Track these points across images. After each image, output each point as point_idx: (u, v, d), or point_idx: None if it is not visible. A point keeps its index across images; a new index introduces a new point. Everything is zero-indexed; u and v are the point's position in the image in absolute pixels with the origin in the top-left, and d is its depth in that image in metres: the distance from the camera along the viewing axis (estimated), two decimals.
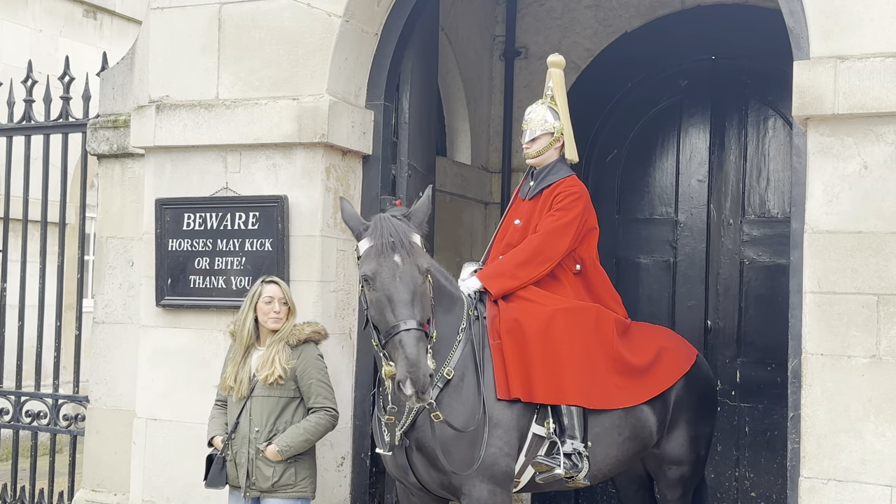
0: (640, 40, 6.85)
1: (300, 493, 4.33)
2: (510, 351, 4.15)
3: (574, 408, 4.18)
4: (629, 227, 6.84)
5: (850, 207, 3.87)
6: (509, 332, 4.17)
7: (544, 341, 4.16)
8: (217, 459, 4.36)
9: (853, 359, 3.84)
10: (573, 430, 4.15)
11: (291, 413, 4.32)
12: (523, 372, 4.13)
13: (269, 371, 4.24)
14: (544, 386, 4.13)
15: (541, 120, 4.60)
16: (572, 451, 4.11)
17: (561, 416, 4.18)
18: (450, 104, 7.17)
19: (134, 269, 5.64)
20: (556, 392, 4.15)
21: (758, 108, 6.57)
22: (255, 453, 4.28)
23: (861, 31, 3.88)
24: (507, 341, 4.16)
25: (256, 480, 4.29)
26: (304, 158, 4.92)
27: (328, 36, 4.91)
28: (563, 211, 4.43)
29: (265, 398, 4.30)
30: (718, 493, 6.48)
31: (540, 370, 4.13)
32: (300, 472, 4.32)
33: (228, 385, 4.39)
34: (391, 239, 3.79)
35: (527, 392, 4.13)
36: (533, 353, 4.14)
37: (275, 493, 4.30)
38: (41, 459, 6.54)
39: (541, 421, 4.19)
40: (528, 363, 4.14)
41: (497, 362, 4.13)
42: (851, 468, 3.82)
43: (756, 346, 6.40)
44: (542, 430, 4.18)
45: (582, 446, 4.14)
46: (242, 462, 4.31)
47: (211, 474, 4.36)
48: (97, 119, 5.86)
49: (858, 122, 3.86)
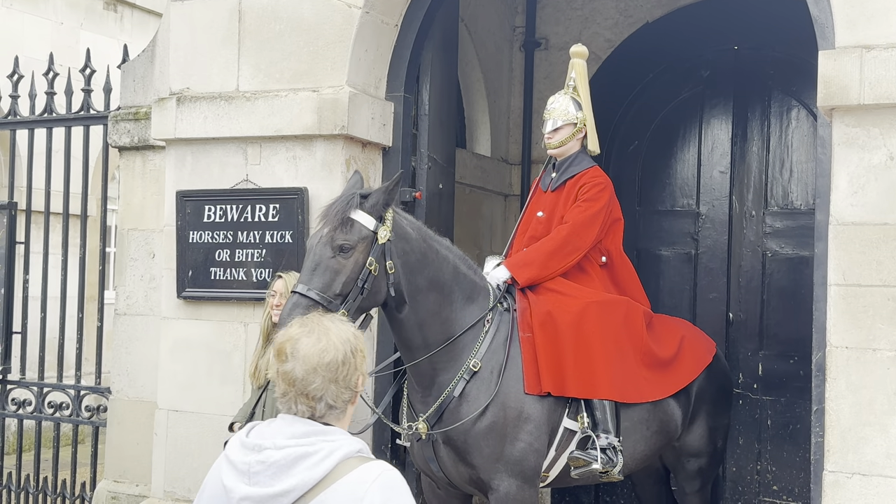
0: (662, 30, 6.80)
1: None
2: (542, 344, 4.11)
3: (607, 402, 4.17)
4: (650, 219, 6.79)
5: (876, 199, 3.82)
6: (542, 325, 4.15)
7: (577, 335, 4.13)
8: None
9: (878, 352, 3.79)
10: (606, 425, 4.13)
11: None
12: (555, 366, 4.11)
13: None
14: (577, 380, 4.11)
15: (563, 110, 4.57)
16: (607, 446, 4.10)
17: (594, 411, 4.16)
18: (469, 96, 7.15)
19: (155, 260, 5.66)
20: (588, 386, 4.13)
21: (781, 98, 6.51)
22: None
23: (887, 20, 3.83)
24: (540, 334, 4.13)
25: None
26: (324, 150, 4.91)
27: (348, 27, 4.90)
28: (590, 202, 4.41)
29: None
30: (740, 486, 6.44)
31: (572, 364, 4.11)
32: None
33: (250, 373, 4.51)
34: (326, 212, 3.82)
35: (559, 386, 4.10)
36: (565, 346, 4.12)
37: None
38: (63, 450, 6.59)
39: (573, 415, 4.17)
40: (560, 357, 4.11)
41: (527, 356, 4.09)
42: (876, 462, 3.78)
43: (778, 339, 6.34)
44: (574, 425, 4.16)
45: (616, 440, 4.13)
46: None
47: None
48: (118, 111, 5.88)
49: (885, 112, 3.81)
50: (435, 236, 4.11)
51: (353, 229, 3.74)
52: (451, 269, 4.05)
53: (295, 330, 2.17)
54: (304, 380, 2.11)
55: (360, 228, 3.76)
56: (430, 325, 3.96)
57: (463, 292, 4.06)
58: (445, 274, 4.02)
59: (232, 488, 2.10)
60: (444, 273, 4.02)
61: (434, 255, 4.00)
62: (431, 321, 3.96)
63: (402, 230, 3.89)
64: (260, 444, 2.09)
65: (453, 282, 4.05)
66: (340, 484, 2.04)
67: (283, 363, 2.14)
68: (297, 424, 2.12)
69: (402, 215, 4.00)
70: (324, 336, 2.15)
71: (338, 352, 2.14)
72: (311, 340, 2.13)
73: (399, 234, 3.86)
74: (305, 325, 2.18)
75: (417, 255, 3.92)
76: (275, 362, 2.17)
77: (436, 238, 4.10)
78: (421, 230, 4.03)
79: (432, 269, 3.97)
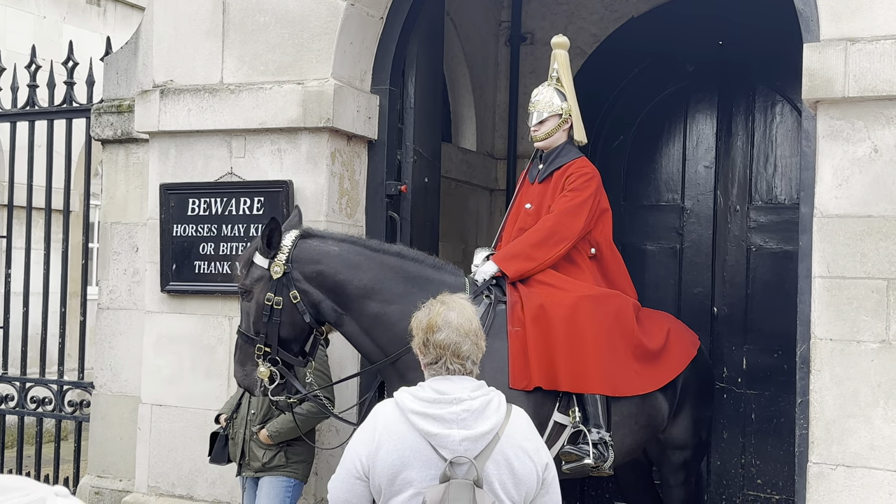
0: (647, 25, 6.81)
1: (290, 474, 4.45)
2: (534, 338, 4.09)
3: (598, 396, 4.15)
4: (635, 214, 6.80)
5: (860, 191, 3.84)
6: (535, 318, 4.12)
7: (570, 329, 4.11)
8: (220, 437, 4.53)
9: (862, 344, 3.81)
10: (598, 419, 4.11)
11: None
12: (547, 360, 4.08)
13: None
14: (569, 374, 4.09)
15: (548, 102, 4.55)
16: (599, 440, 4.08)
17: (586, 405, 4.14)
18: (455, 90, 7.14)
19: (139, 254, 5.62)
20: (580, 380, 4.12)
21: (765, 93, 6.53)
22: (251, 435, 4.43)
23: (872, 12, 3.84)
24: (532, 328, 4.10)
25: (250, 461, 4.44)
26: (309, 143, 4.89)
27: (333, 20, 4.88)
28: (577, 191, 4.39)
29: None
30: (724, 480, 6.46)
31: (565, 358, 4.09)
32: (292, 456, 4.43)
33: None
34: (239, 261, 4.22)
35: (550, 380, 4.08)
36: (558, 340, 4.10)
37: (266, 473, 4.43)
38: (46, 446, 6.55)
39: (563, 409, 4.14)
40: (552, 351, 4.09)
41: (514, 350, 4.06)
42: (860, 454, 3.79)
43: (763, 333, 6.36)
44: (565, 419, 4.13)
45: (608, 435, 4.11)
46: (239, 441, 4.48)
47: (214, 451, 4.54)
48: (101, 104, 5.83)
49: (869, 105, 3.83)
50: (377, 245, 4.18)
51: (251, 273, 4.03)
52: (392, 273, 4.04)
53: (439, 307, 2.77)
54: (457, 343, 2.71)
55: (255, 270, 4.02)
56: (375, 330, 4.02)
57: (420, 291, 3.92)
58: (386, 278, 4.03)
59: (446, 434, 2.62)
60: (384, 278, 4.02)
61: (370, 262, 4.04)
62: (375, 326, 4.01)
63: (310, 254, 4.00)
64: (458, 398, 2.65)
65: (400, 284, 4.02)
66: (513, 420, 2.71)
67: (435, 333, 2.72)
68: (465, 381, 2.72)
69: (315, 238, 4.07)
70: (464, 310, 2.78)
71: (474, 320, 2.79)
72: (456, 313, 2.75)
73: (306, 259, 3.99)
74: (445, 302, 2.79)
75: (342, 269, 4.00)
76: (423, 335, 2.75)
77: (378, 246, 4.16)
78: (353, 244, 4.10)
79: (366, 277, 4.01)
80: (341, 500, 2.70)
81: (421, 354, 2.78)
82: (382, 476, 2.63)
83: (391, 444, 2.63)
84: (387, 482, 2.63)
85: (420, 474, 2.62)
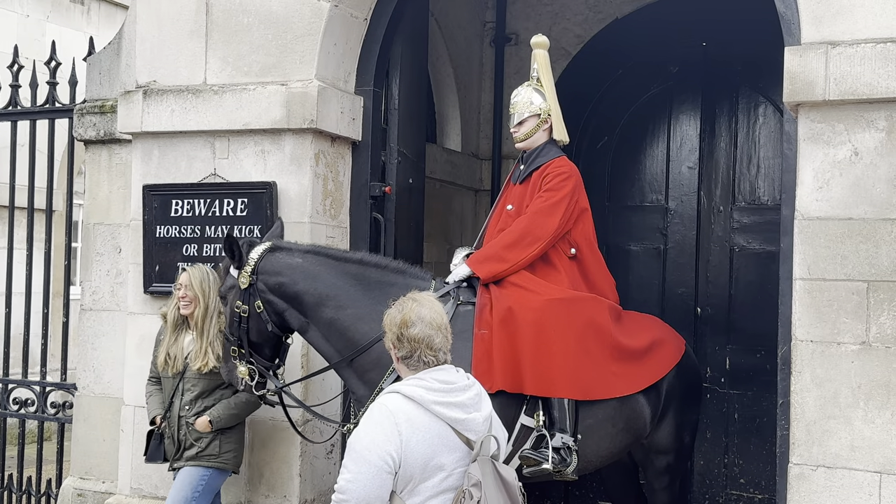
0: (631, 27, 6.83)
1: (221, 464, 4.59)
2: (500, 342, 4.07)
3: (566, 400, 4.12)
4: (619, 215, 6.83)
5: (841, 194, 3.86)
6: (502, 321, 4.10)
7: (537, 332, 4.09)
8: (156, 435, 4.65)
9: (843, 345, 3.83)
10: (563, 423, 4.09)
11: (220, 393, 4.62)
12: (512, 363, 4.06)
13: (203, 362, 4.55)
14: (534, 378, 4.07)
15: (526, 102, 4.53)
16: (561, 446, 4.05)
17: (552, 409, 4.12)
18: (439, 90, 7.14)
19: (121, 255, 5.60)
20: (546, 384, 4.09)
21: (748, 94, 6.56)
22: (187, 428, 4.57)
23: (853, 16, 3.86)
24: (499, 331, 4.09)
25: (184, 450, 4.58)
26: (293, 144, 4.89)
27: (317, 21, 4.87)
28: (552, 191, 4.36)
29: (197, 379, 4.60)
30: (707, 479, 6.49)
31: (530, 362, 4.07)
32: (224, 446, 4.60)
33: (161, 363, 4.68)
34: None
35: (515, 384, 4.06)
36: (524, 343, 4.08)
37: (197, 461, 4.57)
38: (29, 447, 6.51)
39: (530, 412, 4.13)
40: (517, 354, 4.07)
41: (478, 353, 4.04)
42: (841, 455, 3.82)
43: (746, 334, 6.40)
44: (531, 422, 4.12)
45: (571, 440, 4.08)
46: (175, 437, 4.61)
47: (150, 449, 4.67)
48: (84, 104, 5.81)
49: (849, 108, 3.85)
50: (340, 254, 4.34)
51: (226, 281, 4.32)
52: (351, 280, 4.18)
53: (410, 304, 3.03)
54: (430, 336, 2.99)
55: (229, 279, 4.30)
56: (331, 335, 4.19)
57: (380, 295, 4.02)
58: (344, 285, 4.17)
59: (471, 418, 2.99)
60: (342, 285, 4.17)
61: (328, 271, 4.21)
62: (330, 331, 4.18)
63: (273, 267, 4.20)
64: (465, 385, 3.02)
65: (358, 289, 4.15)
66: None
67: (409, 328, 2.98)
68: (452, 369, 3.05)
69: (282, 252, 4.25)
70: (434, 305, 3.06)
71: (444, 316, 3.08)
72: (427, 309, 3.01)
73: (270, 271, 4.20)
74: (416, 300, 3.06)
75: (300, 279, 4.18)
76: (396, 330, 2.99)
77: (341, 255, 4.31)
78: (316, 255, 4.26)
79: (322, 286, 4.17)
80: (373, 496, 2.86)
81: (395, 349, 3.04)
82: (415, 466, 2.88)
83: (419, 435, 2.89)
84: (420, 470, 2.89)
85: (448, 458, 2.93)
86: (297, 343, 4.69)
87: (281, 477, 4.87)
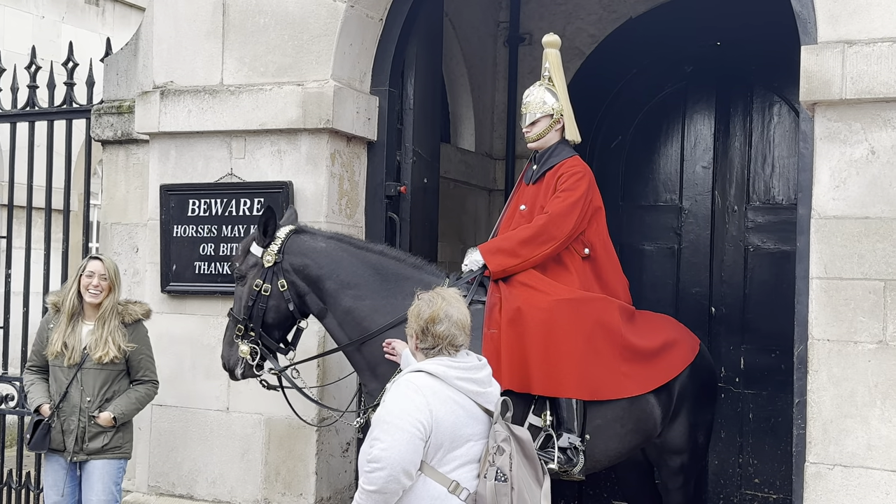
0: (645, 26, 6.83)
1: (124, 455, 4.72)
2: (508, 341, 4.08)
3: (573, 400, 4.13)
4: (633, 214, 6.83)
5: (858, 193, 3.86)
6: (511, 321, 4.12)
7: (545, 332, 4.10)
8: (43, 425, 4.63)
9: (860, 344, 3.83)
10: (571, 424, 4.10)
11: (119, 384, 4.69)
12: (520, 363, 4.07)
13: (104, 352, 4.59)
14: (542, 378, 4.08)
15: (539, 102, 4.54)
16: (568, 446, 4.07)
17: (559, 409, 4.13)
18: (454, 90, 7.16)
19: (139, 255, 5.64)
20: (553, 384, 4.10)
21: (763, 94, 6.56)
22: (88, 420, 4.59)
23: (869, 15, 3.86)
24: (507, 331, 4.10)
25: (87, 445, 4.61)
26: (309, 144, 4.91)
27: (333, 21, 4.90)
28: (568, 192, 4.37)
29: (97, 371, 4.62)
30: (722, 479, 6.49)
31: (539, 362, 4.08)
32: (125, 436, 4.72)
33: (55, 351, 4.64)
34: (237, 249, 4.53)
35: (523, 383, 4.07)
36: (532, 344, 4.09)
37: (103, 455, 4.63)
38: None
39: (538, 412, 4.14)
40: (525, 354, 4.08)
41: (487, 352, 4.03)
42: (857, 454, 3.82)
43: (760, 333, 6.39)
44: (538, 422, 4.12)
45: (578, 441, 4.09)
46: (72, 429, 4.61)
47: (35, 439, 4.63)
48: (101, 105, 5.84)
49: (866, 107, 3.85)
50: (362, 243, 4.42)
51: (246, 260, 4.30)
52: (371, 270, 4.22)
53: (440, 302, 3.24)
54: (454, 335, 3.21)
55: (250, 258, 4.29)
56: (346, 324, 4.24)
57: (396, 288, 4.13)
58: (364, 274, 4.21)
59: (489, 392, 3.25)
60: (362, 273, 4.22)
61: (351, 259, 4.25)
62: (346, 319, 4.23)
63: (299, 248, 4.24)
64: (481, 364, 3.28)
65: (377, 280, 4.20)
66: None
67: (436, 325, 3.20)
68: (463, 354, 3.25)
69: (306, 234, 4.31)
70: (461, 306, 3.28)
71: (469, 316, 3.29)
72: (455, 309, 3.24)
73: (296, 252, 4.23)
74: (445, 298, 3.26)
75: (324, 263, 4.22)
76: (423, 324, 3.20)
77: (362, 244, 4.38)
78: (339, 241, 4.32)
79: (344, 273, 4.22)
80: (407, 461, 3.04)
81: (417, 339, 3.25)
82: (445, 435, 3.10)
83: (446, 407, 3.11)
84: (449, 439, 3.11)
85: (474, 429, 3.18)
86: (314, 337, 4.71)
87: (297, 475, 4.89)
